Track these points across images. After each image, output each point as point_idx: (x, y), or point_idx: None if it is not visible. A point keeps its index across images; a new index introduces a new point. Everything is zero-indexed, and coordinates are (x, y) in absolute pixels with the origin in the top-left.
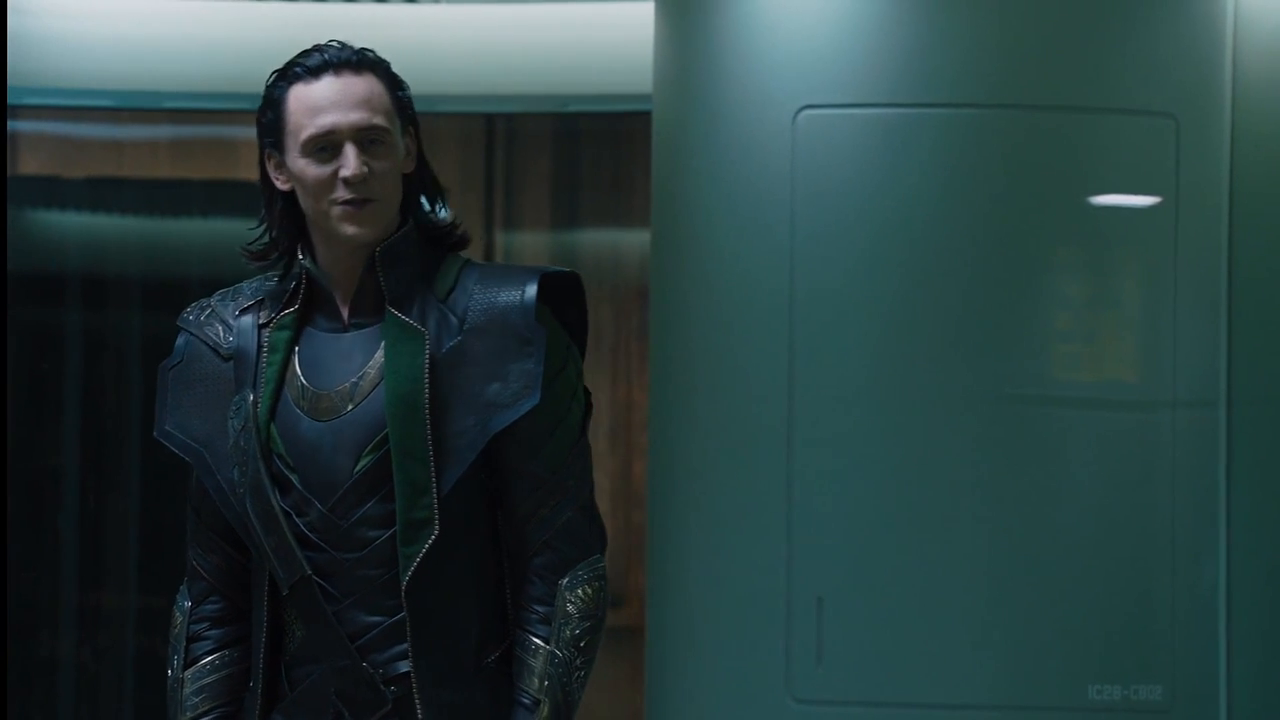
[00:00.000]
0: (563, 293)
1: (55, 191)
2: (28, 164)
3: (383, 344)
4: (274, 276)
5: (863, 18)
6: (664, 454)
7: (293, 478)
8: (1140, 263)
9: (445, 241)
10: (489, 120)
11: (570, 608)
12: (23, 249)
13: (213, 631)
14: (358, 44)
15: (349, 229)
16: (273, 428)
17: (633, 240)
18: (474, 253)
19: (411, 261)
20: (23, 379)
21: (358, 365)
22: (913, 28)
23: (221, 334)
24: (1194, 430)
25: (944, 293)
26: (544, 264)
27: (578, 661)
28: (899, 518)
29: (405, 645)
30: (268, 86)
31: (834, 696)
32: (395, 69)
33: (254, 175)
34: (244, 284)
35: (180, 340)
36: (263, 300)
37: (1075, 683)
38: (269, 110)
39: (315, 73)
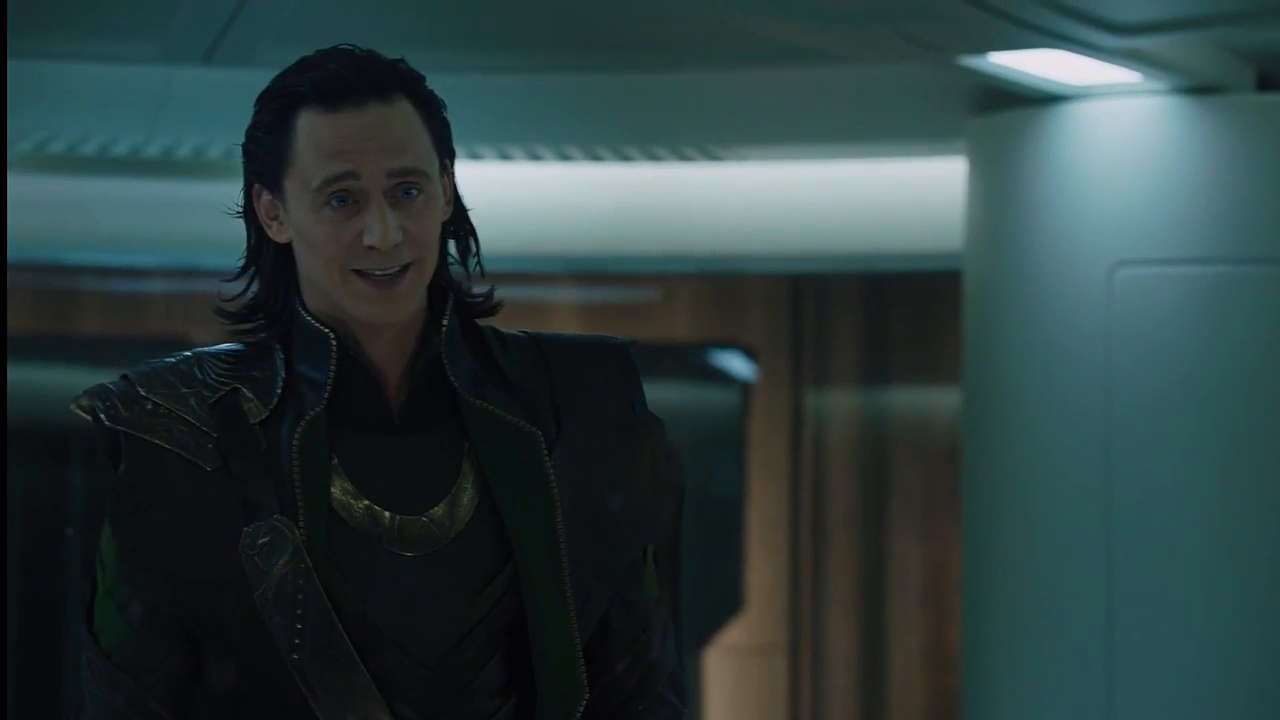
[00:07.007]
0: None
1: None
2: None
3: (470, 449)
4: (235, 354)
5: (1182, 169)
6: (978, 619)
7: (379, 634)
8: None
9: (472, 306)
10: (794, 280)
11: None
12: None
13: None
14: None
15: (371, 309)
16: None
17: (943, 399)
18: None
19: (457, 338)
20: None
21: (444, 479)
22: (1234, 180)
23: (188, 432)
24: None
25: (1276, 459)
26: (617, 337)
27: None
28: (1225, 696)
29: None
30: (262, 103)
31: None
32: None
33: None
34: (171, 363)
35: (116, 444)
36: (238, 389)
37: None
38: (265, 135)
39: (331, 100)
